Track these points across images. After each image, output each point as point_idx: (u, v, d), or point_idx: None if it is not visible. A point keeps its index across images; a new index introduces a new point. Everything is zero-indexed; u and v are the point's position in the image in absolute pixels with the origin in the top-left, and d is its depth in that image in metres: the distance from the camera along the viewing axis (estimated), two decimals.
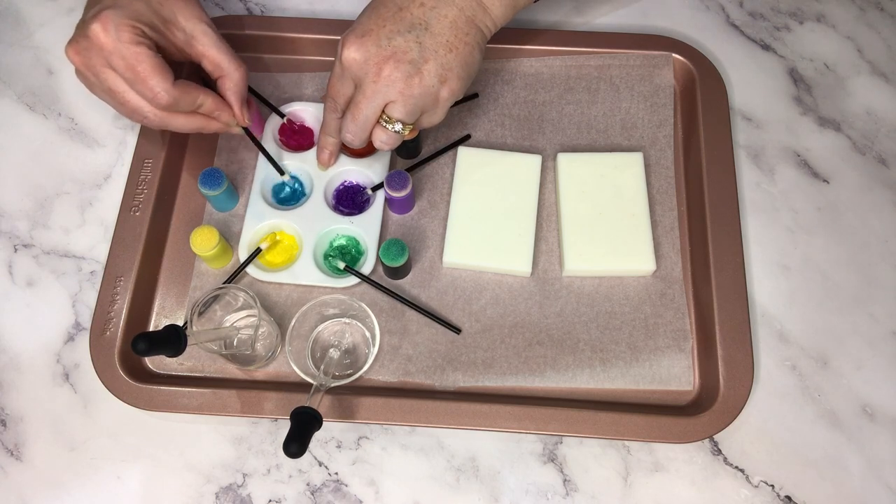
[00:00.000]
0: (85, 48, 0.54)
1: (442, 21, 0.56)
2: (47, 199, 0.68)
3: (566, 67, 0.71)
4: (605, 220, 0.64)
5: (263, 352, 0.61)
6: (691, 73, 0.70)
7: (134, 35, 0.54)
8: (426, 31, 0.55)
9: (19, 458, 0.59)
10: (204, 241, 0.60)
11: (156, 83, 0.55)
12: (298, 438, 0.50)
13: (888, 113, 0.71)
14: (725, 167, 0.66)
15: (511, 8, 0.59)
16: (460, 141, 0.69)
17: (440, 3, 0.56)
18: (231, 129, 0.62)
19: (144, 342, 0.48)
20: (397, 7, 0.56)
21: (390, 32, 0.55)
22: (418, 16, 0.56)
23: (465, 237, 0.64)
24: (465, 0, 0.57)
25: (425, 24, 0.55)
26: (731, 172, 0.65)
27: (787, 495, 0.58)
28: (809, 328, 0.63)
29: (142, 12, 0.55)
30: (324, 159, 0.65)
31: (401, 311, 0.63)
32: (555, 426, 0.57)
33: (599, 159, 0.66)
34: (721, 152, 0.66)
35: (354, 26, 0.57)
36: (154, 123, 0.58)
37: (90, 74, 0.56)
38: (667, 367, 0.61)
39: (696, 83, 0.70)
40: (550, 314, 0.63)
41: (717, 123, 0.68)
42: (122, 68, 0.54)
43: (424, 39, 0.55)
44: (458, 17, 0.56)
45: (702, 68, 0.70)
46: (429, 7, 0.56)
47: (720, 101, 0.69)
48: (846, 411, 0.60)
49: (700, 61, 0.70)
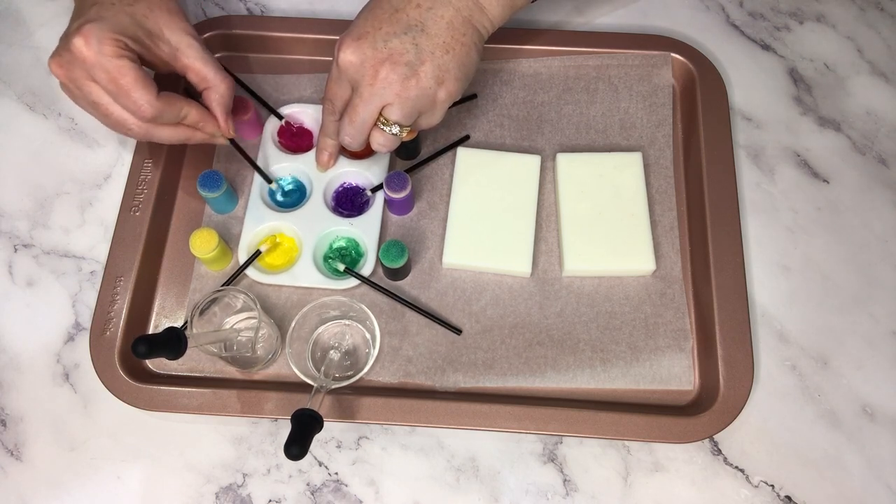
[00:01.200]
0: (68, 61, 0.54)
1: (438, 22, 0.56)
2: (47, 199, 0.68)
3: (565, 68, 0.71)
4: (605, 220, 0.64)
5: (264, 354, 0.60)
6: (691, 72, 0.70)
7: (116, 48, 0.54)
8: (422, 33, 0.55)
9: (19, 458, 0.59)
10: (203, 243, 0.60)
11: (139, 96, 0.54)
12: (300, 440, 0.50)
13: (888, 113, 0.71)
14: (725, 167, 0.66)
15: (509, 8, 0.59)
16: (459, 142, 0.69)
17: (436, 4, 0.56)
18: (216, 139, 0.62)
19: (145, 345, 0.48)
20: (393, 8, 0.56)
21: (386, 34, 0.55)
22: (414, 17, 0.55)
23: (464, 238, 0.64)
24: (461, 0, 0.57)
25: (421, 25, 0.55)
26: (731, 172, 0.65)
27: (787, 495, 0.58)
28: (809, 328, 0.63)
29: (125, 25, 0.55)
30: (323, 161, 0.65)
31: (401, 313, 0.63)
32: (555, 426, 0.57)
33: (599, 159, 0.66)
34: (721, 152, 0.66)
35: (350, 28, 0.56)
36: (139, 135, 0.58)
37: (73, 87, 0.56)
38: (667, 367, 0.61)
39: (695, 83, 0.70)
40: (550, 314, 0.63)
41: (717, 123, 0.68)
42: (105, 81, 0.54)
43: (421, 41, 0.55)
44: (455, 18, 0.56)
45: (702, 68, 0.70)
46: (425, 8, 0.56)
47: (720, 101, 0.69)
48: (846, 411, 0.60)
49: (700, 61, 0.70)
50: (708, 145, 0.67)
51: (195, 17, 0.75)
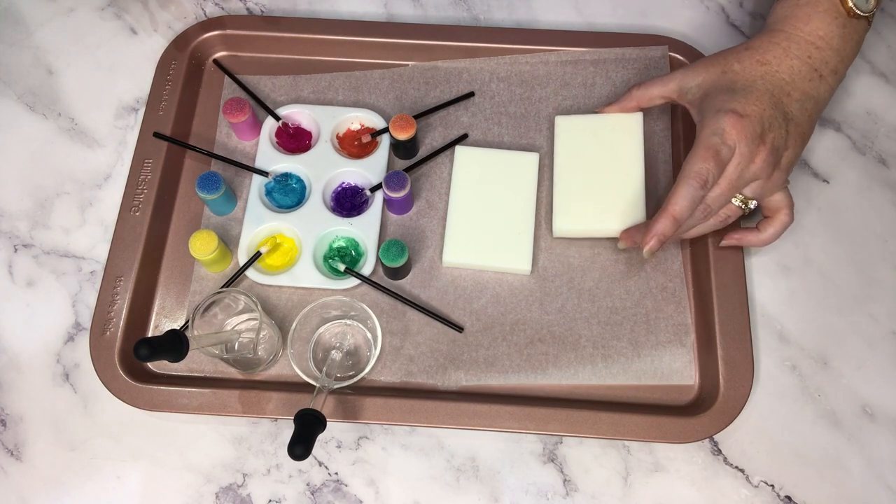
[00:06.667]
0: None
1: (802, 114, 0.58)
2: (47, 199, 0.68)
3: (562, 64, 0.71)
4: (600, 179, 0.64)
5: (265, 355, 0.60)
6: None
7: None
8: (793, 122, 0.57)
9: (19, 458, 0.59)
10: (203, 245, 0.60)
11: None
12: (303, 441, 0.50)
13: (888, 113, 0.71)
14: None
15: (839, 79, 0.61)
16: (457, 140, 0.69)
17: (805, 98, 0.58)
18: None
19: (147, 348, 0.48)
20: (770, 93, 0.57)
21: (771, 118, 0.56)
22: (787, 105, 0.57)
23: (464, 236, 0.64)
24: (822, 94, 0.59)
25: (793, 115, 0.58)
26: None
27: (787, 495, 0.58)
28: (809, 328, 0.63)
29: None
30: (653, 248, 0.57)
31: (402, 312, 0.63)
32: (555, 426, 0.57)
33: (598, 121, 0.66)
34: None
35: (733, 103, 0.57)
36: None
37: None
38: (668, 362, 0.61)
39: None
40: (551, 311, 0.63)
41: None
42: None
43: (791, 129, 0.57)
44: (814, 110, 0.59)
45: None
46: (794, 99, 0.58)
47: None
48: (846, 411, 0.60)
49: None
50: None
51: (195, 17, 0.75)
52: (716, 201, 0.57)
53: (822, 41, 0.58)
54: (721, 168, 0.56)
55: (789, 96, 0.57)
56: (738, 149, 0.55)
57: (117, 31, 0.75)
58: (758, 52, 0.59)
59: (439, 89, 0.71)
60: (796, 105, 0.58)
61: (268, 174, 0.66)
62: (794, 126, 0.57)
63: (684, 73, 0.62)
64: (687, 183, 0.55)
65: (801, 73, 0.58)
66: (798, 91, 0.58)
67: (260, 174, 0.66)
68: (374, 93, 0.71)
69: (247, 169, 0.66)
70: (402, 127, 0.64)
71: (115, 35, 0.75)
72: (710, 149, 0.55)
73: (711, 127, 0.56)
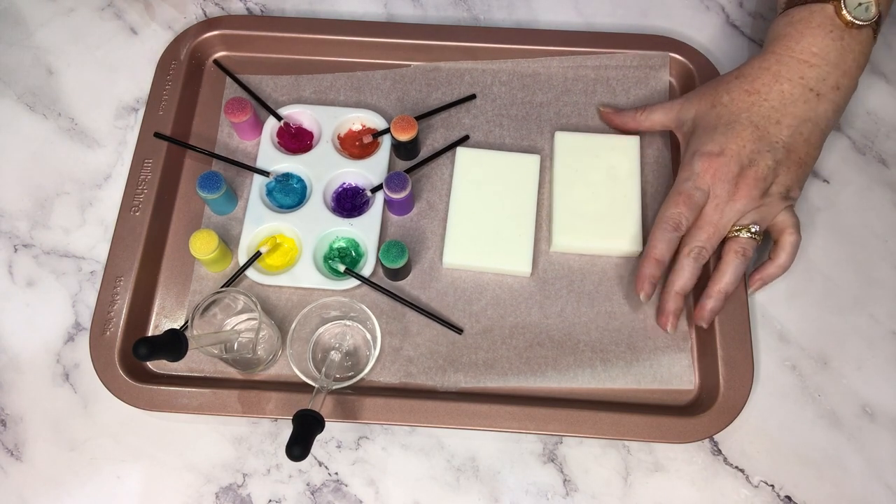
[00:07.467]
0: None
1: (797, 139, 0.58)
2: (47, 199, 0.68)
3: (563, 69, 0.71)
4: (597, 199, 0.64)
5: (264, 355, 0.60)
6: (691, 73, 0.70)
7: None
8: (783, 150, 0.57)
9: (19, 458, 0.59)
10: (203, 244, 0.60)
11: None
12: (301, 441, 0.50)
13: (888, 113, 0.71)
14: None
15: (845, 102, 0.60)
16: (459, 142, 0.68)
17: (799, 122, 0.57)
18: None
19: (146, 347, 0.48)
20: (754, 126, 0.57)
21: (751, 153, 0.57)
22: (776, 135, 0.57)
23: (464, 238, 0.64)
24: (821, 117, 0.58)
25: (783, 143, 0.57)
26: None
27: (787, 495, 0.58)
28: (809, 328, 0.63)
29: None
30: (647, 292, 0.60)
31: (401, 313, 0.63)
32: (555, 426, 0.57)
33: (596, 140, 0.67)
34: None
35: (708, 144, 0.58)
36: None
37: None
38: (667, 367, 0.61)
39: (695, 83, 0.69)
40: (551, 314, 0.63)
41: None
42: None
43: (780, 158, 0.57)
44: (813, 134, 0.58)
45: (701, 68, 0.70)
46: (785, 126, 0.57)
47: None
48: (846, 411, 0.60)
49: (700, 61, 0.70)
50: None
51: (195, 17, 0.75)
52: (708, 242, 0.58)
53: (816, 58, 0.57)
54: (694, 211, 0.58)
55: (778, 124, 0.57)
56: (712, 191, 0.58)
57: (117, 31, 0.75)
58: (746, 80, 0.59)
59: (441, 91, 0.71)
60: (787, 132, 0.57)
61: (269, 174, 0.66)
62: (785, 153, 0.57)
63: (682, 104, 0.63)
64: (661, 227, 0.59)
65: (792, 96, 0.57)
66: (789, 116, 0.57)
67: (261, 174, 0.66)
68: (375, 93, 0.71)
69: (247, 169, 0.66)
70: (404, 128, 0.64)
71: (115, 35, 0.75)
72: (681, 194, 0.58)
73: (686, 171, 0.59)
